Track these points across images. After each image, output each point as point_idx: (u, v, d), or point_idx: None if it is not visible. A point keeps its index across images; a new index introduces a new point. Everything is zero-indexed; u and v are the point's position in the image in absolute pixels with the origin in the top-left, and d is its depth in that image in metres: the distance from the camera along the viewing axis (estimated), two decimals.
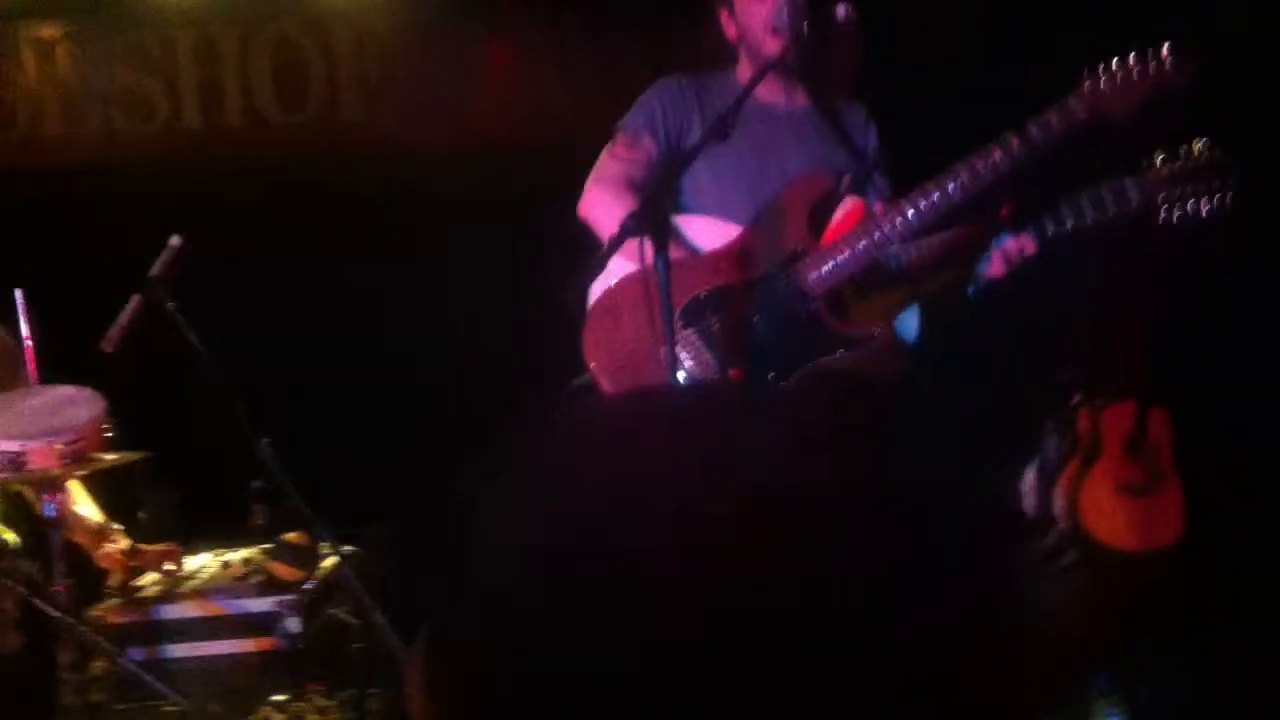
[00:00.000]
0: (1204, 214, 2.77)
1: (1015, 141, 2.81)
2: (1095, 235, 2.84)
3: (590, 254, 2.86)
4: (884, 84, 3.37)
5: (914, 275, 2.98)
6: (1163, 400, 4.00)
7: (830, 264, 2.93)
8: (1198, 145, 2.81)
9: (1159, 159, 2.82)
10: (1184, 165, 2.80)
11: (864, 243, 2.91)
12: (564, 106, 5.35)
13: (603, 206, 3.07)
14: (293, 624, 3.09)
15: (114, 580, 3.25)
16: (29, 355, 3.37)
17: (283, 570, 3.26)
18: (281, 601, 3.13)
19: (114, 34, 5.38)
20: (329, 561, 3.29)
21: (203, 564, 3.49)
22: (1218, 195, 2.76)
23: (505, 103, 5.47)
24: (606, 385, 2.96)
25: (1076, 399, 4.39)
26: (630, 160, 3.11)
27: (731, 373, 2.89)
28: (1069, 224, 2.85)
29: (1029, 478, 4.56)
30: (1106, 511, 4.10)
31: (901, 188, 3.05)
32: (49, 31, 5.36)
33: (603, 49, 5.40)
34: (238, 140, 5.42)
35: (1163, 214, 2.78)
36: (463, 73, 5.47)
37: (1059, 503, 4.34)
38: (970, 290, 2.99)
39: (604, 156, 3.16)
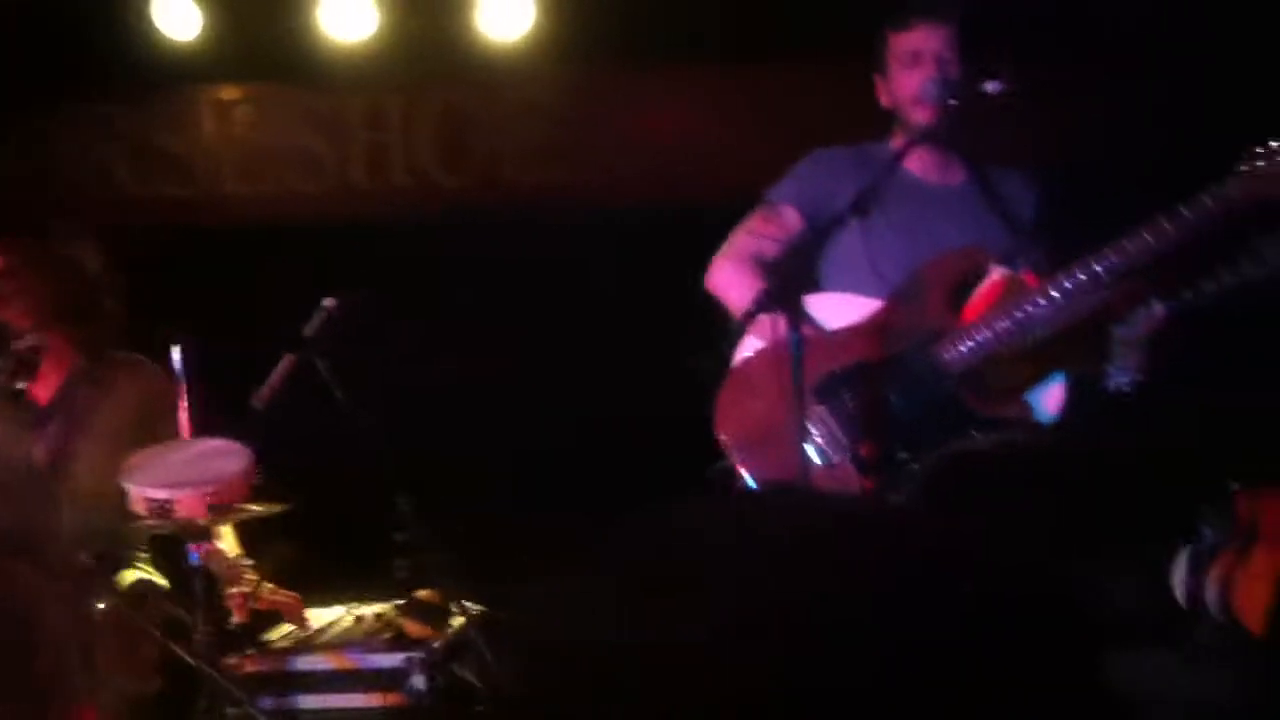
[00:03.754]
0: None
1: (1168, 223, 2.72)
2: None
3: (722, 326, 2.86)
4: (1049, 152, 3.27)
5: (1053, 351, 2.89)
6: None
7: (970, 343, 2.86)
8: None
9: None
10: None
11: (1005, 323, 2.84)
12: (731, 166, 5.32)
13: (729, 281, 3.07)
14: (420, 681, 3.11)
15: (235, 619, 3.30)
16: (185, 408, 3.48)
17: (413, 627, 3.30)
18: (410, 658, 3.16)
19: (288, 97, 5.60)
20: (458, 621, 3.31)
21: (336, 617, 3.55)
22: None
23: (670, 162, 5.47)
24: (736, 459, 2.94)
25: (1235, 486, 4.20)
26: (764, 235, 3.09)
27: (863, 449, 2.83)
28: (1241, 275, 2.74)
29: (1181, 564, 4.37)
30: (1262, 602, 3.91)
31: (1058, 253, 2.95)
32: (228, 94, 5.61)
33: (772, 102, 5.37)
34: (403, 200, 5.57)
35: None
36: (626, 134, 5.51)
37: (1211, 591, 4.15)
38: (1120, 380, 2.86)
39: (739, 230, 3.15)
